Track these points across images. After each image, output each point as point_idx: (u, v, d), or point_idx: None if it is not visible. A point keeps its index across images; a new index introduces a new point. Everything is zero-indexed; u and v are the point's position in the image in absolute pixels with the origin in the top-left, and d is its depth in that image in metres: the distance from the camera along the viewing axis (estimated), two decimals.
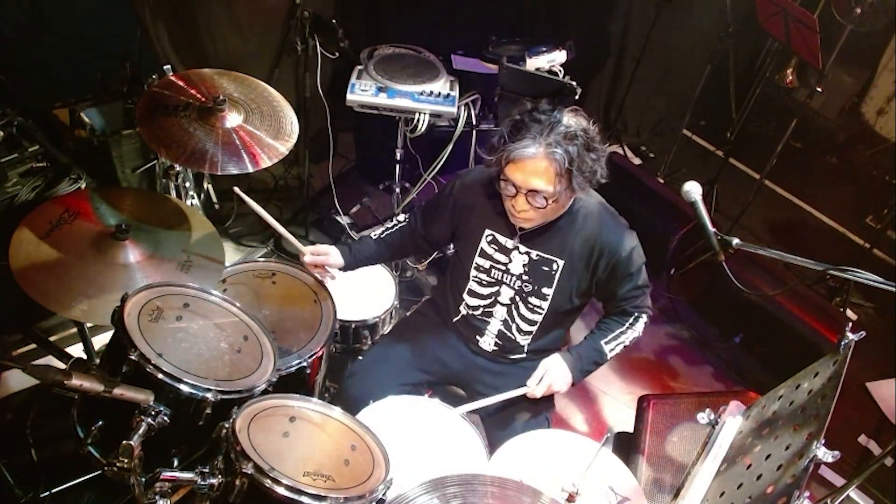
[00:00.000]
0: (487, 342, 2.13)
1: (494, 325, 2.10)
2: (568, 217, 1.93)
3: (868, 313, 3.74)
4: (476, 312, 2.11)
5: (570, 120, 1.78)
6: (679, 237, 3.47)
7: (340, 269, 2.17)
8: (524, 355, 2.13)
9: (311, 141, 3.30)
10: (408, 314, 2.37)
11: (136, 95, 2.67)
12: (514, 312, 2.06)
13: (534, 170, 1.75)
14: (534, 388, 1.98)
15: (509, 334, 2.10)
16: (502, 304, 2.07)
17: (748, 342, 3.33)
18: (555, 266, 1.97)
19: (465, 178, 2.07)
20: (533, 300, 2.03)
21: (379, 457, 1.68)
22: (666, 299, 3.56)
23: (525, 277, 2.00)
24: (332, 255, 2.13)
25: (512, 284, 2.03)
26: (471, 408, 1.98)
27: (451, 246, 2.50)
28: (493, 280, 2.05)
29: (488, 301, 2.08)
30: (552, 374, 1.99)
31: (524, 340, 2.10)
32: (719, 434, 1.66)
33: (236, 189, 2.12)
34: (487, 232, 2.01)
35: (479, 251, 2.03)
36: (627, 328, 2.06)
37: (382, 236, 2.19)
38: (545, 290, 2.00)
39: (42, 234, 1.91)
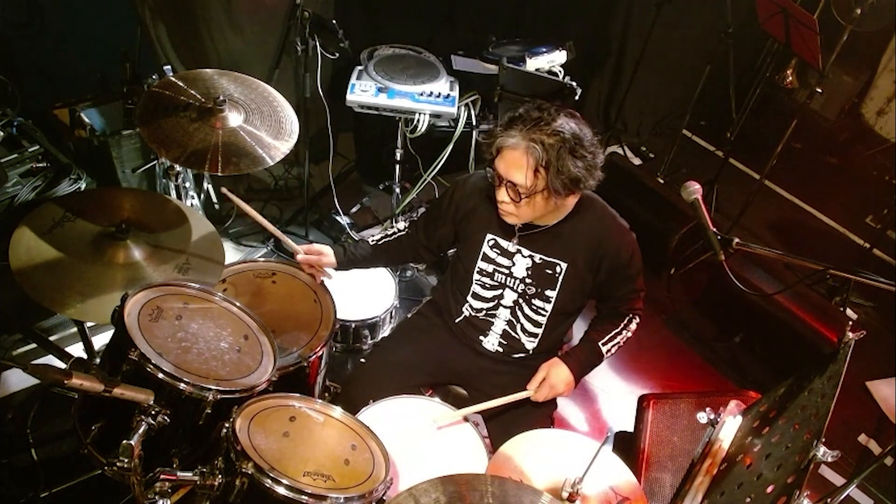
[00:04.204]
0: (491, 343, 2.13)
1: (499, 326, 2.10)
2: (570, 220, 1.94)
3: (868, 313, 3.74)
4: (479, 314, 2.11)
5: (566, 122, 1.76)
6: (679, 237, 3.48)
7: (334, 270, 2.18)
8: (528, 354, 2.13)
9: (311, 141, 3.30)
10: (409, 315, 2.37)
11: (136, 95, 2.67)
12: (519, 314, 2.06)
13: (513, 161, 1.77)
14: (536, 392, 1.99)
15: (514, 335, 2.10)
16: (505, 307, 2.07)
17: (748, 342, 3.34)
18: (558, 269, 1.97)
19: (465, 184, 2.06)
20: (537, 302, 2.03)
21: (379, 457, 1.68)
22: (666, 299, 3.57)
23: (528, 281, 2.00)
24: (326, 254, 2.14)
25: (515, 288, 2.03)
26: (471, 411, 1.98)
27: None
28: (497, 283, 2.05)
29: (492, 304, 2.08)
30: (553, 378, 2.00)
31: (530, 343, 2.10)
32: (719, 433, 1.66)
33: (224, 189, 2.12)
34: (489, 236, 2.01)
35: (481, 255, 2.03)
36: (622, 328, 2.08)
37: (380, 243, 2.19)
38: (549, 293, 2.00)
39: (42, 233, 1.91)
